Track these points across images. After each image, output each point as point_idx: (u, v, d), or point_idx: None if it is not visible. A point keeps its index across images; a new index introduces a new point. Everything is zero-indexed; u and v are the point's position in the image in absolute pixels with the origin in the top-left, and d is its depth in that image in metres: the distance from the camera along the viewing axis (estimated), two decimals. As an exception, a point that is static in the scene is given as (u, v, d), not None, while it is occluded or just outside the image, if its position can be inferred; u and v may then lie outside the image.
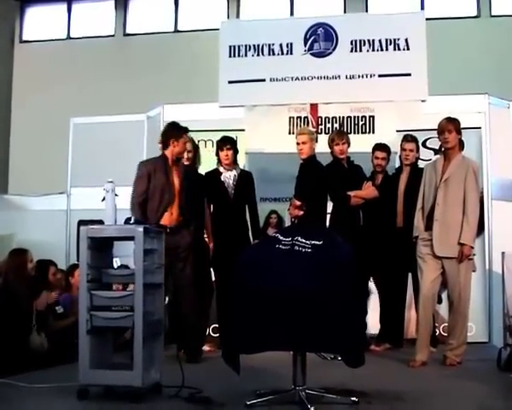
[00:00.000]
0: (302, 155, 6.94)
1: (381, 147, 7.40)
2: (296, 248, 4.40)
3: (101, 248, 4.90)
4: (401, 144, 7.30)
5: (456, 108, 7.71)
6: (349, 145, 7.22)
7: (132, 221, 4.91)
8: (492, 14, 13.72)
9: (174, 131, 6.39)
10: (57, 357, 6.08)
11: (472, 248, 6.12)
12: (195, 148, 7.23)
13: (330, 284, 4.21)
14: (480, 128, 8.16)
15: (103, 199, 4.92)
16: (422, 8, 13.52)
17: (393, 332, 7.25)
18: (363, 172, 7.35)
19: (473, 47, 13.14)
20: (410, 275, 7.08)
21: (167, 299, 6.14)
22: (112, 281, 5.01)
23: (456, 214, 6.07)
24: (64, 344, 6.15)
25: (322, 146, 7.36)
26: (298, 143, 6.97)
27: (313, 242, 4.40)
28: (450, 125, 6.20)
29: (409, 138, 7.28)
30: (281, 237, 4.50)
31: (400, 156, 7.40)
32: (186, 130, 6.48)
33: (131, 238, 4.76)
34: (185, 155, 6.86)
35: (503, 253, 7.30)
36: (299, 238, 4.43)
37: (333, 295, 4.19)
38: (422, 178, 6.38)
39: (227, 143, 7.16)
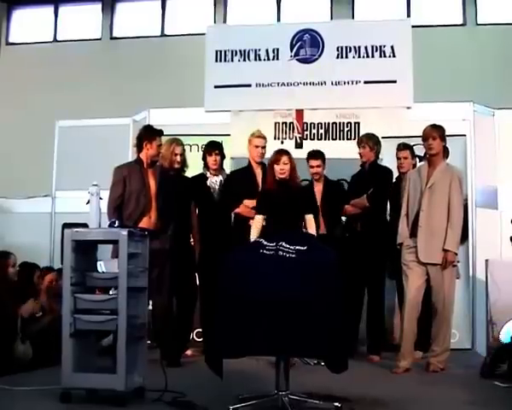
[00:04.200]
0: None
1: (314, 154, 7.23)
2: (280, 253, 4.41)
3: (86, 251, 4.89)
4: (396, 154, 7.29)
5: (442, 116, 7.74)
6: (371, 149, 7.15)
7: (117, 224, 4.91)
8: (478, 22, 13.74)
9: (148, 134, 6.36)
10: (40, 360, 6.03)
11: (456, 254, 6.16)
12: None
13: (314, 289, 4.22)
14: (464, 136, 8.15)
15: (88, 202, 4.90)
16: (408, 15, 13.54)
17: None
18: (387, 177, 7.23)
19: (458, 55, 13.15)
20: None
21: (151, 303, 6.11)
22: (96, 284, 5.00)
23: (441, 221, 6.10)
24: (45, 346, 6.09)
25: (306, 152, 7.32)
26: None
27: (297, 247, 4.41)
28: (434, 132, 6.23)
29: (401, 147, 7.23)
30: (265, 243, 4.52)
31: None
32: (160, 133, 6.43)
33: (115, 242, 4.75)
34: (177, 159, 6.84)
35: (486, 260, 7.34)
36: (284, 244, 4.44)
37: (316, 300, 4.20)
38: (406, 185, 6.40)
39: (215, 149, 7.13)
